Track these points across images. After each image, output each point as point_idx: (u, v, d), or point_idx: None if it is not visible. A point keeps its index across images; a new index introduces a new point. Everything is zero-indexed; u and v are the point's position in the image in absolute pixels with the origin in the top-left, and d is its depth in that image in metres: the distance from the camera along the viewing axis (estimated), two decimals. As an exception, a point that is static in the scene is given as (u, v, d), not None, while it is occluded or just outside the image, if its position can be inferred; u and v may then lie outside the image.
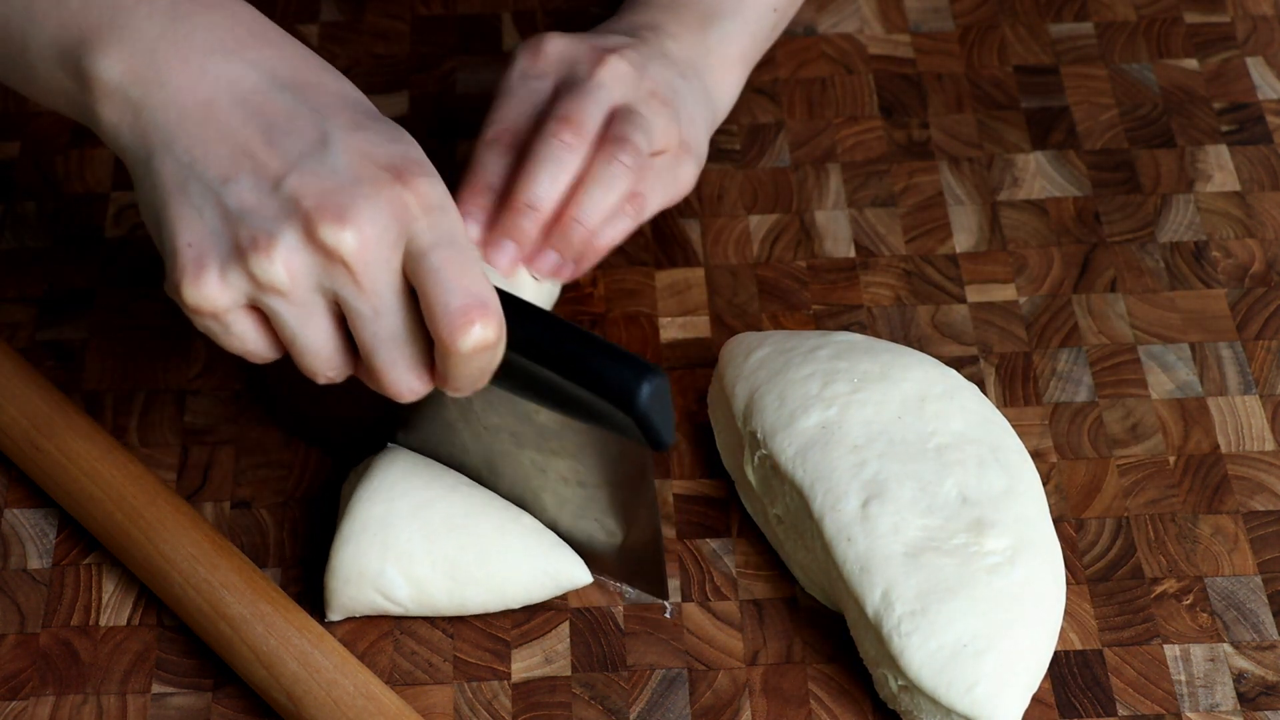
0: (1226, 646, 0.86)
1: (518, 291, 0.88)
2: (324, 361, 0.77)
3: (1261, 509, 0.90)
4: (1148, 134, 1.05)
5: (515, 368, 0.79)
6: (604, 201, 0.88)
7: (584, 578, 0.87)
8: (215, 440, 0.93)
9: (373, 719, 0.80)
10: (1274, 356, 0.96)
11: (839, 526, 0.84)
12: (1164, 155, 1.04)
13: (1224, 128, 1.06)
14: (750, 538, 0.90)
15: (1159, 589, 0.88)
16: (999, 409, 0.92)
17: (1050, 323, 0.97)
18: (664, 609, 0.87)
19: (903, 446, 0.86)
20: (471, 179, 0.89)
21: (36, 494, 0.91)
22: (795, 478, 0.85)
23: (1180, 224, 1.01)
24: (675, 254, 1.00)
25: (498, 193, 0.88)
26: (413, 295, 0.75)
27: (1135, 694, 0.84)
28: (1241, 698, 0.84)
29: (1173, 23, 1.11)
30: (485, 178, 0.88)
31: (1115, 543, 0.89)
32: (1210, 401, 0.94)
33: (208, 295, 0.74)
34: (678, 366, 0.96)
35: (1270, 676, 0.85)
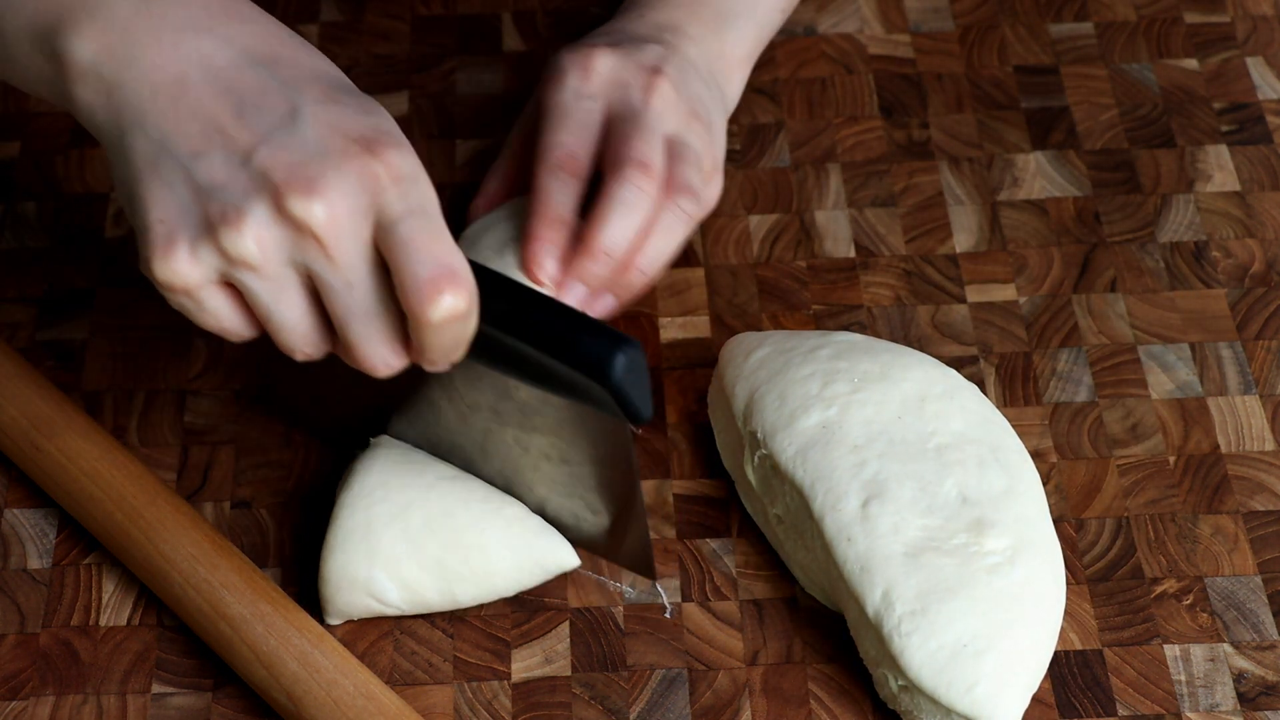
0: (1226, 646, 0.86)
1: None
2: (300, 337, 0.76)
3: (1261, 509, 0.90)
4: (1148, 134, 1.05)
5: (492, 342, 0.78)
6: (666, 250, 0.90)
7: (571, 561, 0.87)
8: (215, 440, 0.93)
9: (373, 719, 0.80)
10: (1274, 356, 0.96)
11: (839, 526, 0.84)
12: (1164, 155, 1.04)
13: (1224, 128, 1.06)
14: (750, 538, 0.90)
15: (1159, 589, 0.88)
16: (999, 409, 0.92)
17: (1050, 323, 0.97)
18: (664, 609, 0.87)
19: (903, 446, 0.86)
20: (542, 209, 0.89)
21: (36, 494, 0.91)
22: (795, 477, 0.85)
23: (1180, 224, 1.01)
24: (675, 254, 1.01)
25: (569, 226, 0.89)
26: (385, 268, 0.74)
27: (1135, 694, 0.84)
28: (1241, 698, 0.84)
29: (1173, 23, 1.11)
30: (556, 209, 0.89)
31: (1115, 543, 0.89)
32: (1210, 401, 0.94)
33: (178, 271, 0.74)
34: (678, 366, 0.96)
35: (1270, 676, 0.85)
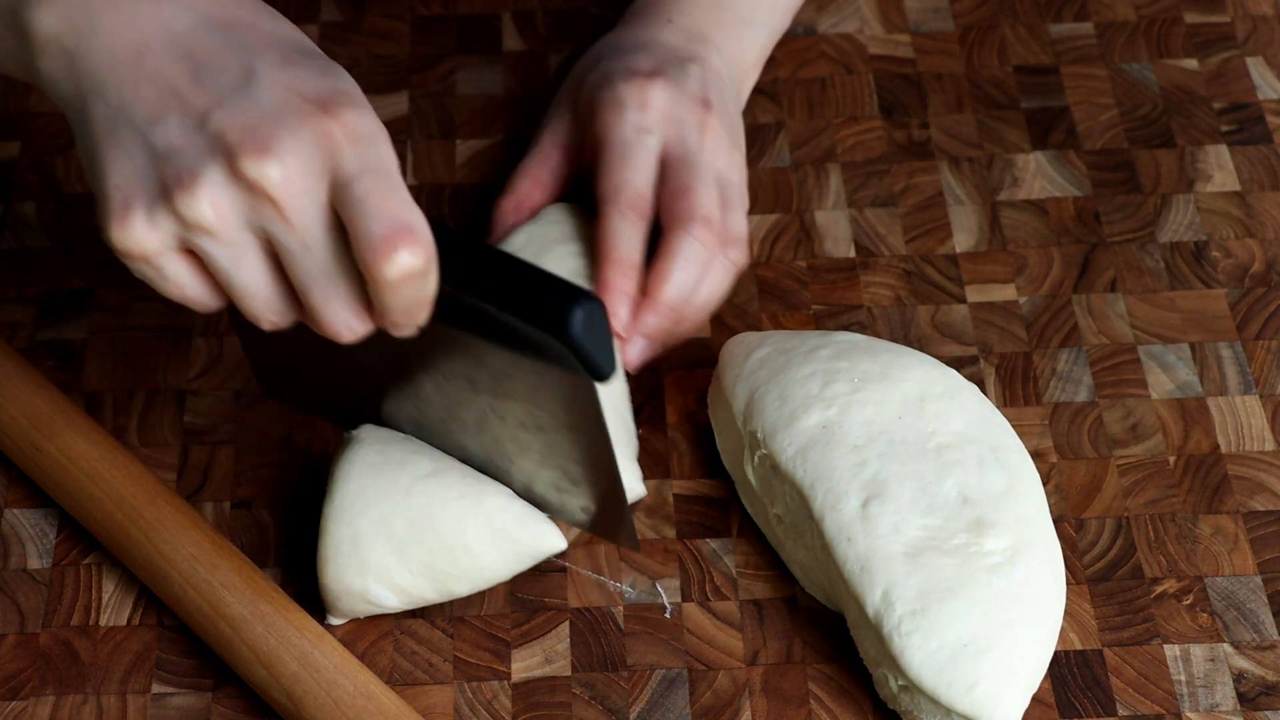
0: (1226, 646, 0.86)
1: None
2: (263, 304, 0.75)
3: (1261, 509, 0.90)
4: (1148, 134, 1.05)
5: (455, 304, 0.77)
6: (715, 299, 0.92)
7: (557, 544, 0.86)
8: (215, 440, 0.93)
9: (373, 719, 0.80)
10: (1274, 356, 0.96)
11: (839, 526, 0.84)
12: (1164, 155, 1.04)
13: (1224, 128, 1.06)
14: (750, 538, 0.90)
15: (1159, 589, 0.88)
16: (999, 409, 0.92)
17: (1050, 323, 0.97)
18: (664, 609, 0.87)
19: (903, 446, 0.86)
20: (615, 254, 0.90)
21: (36, 494, 0.91)
22: (795, 477, 0.85)
23: (1180, 224, 1.01)
24: (675, 254, 1.00)
25: (640, 270, 0.90)
26: (344, 229, 0.74)
27: (1135, 694, 0.84)
28: (1241, 698, 0.84)
29: (1173, 23, 1.11)
30: (628, 254, 0.90)
31: (1115, 543, 0.89)
32: (1210, 401, 0.94)
33: (136, 237, 0.73)
34: (677, 366, 0.96)
35: (1270, 676, 0.85)
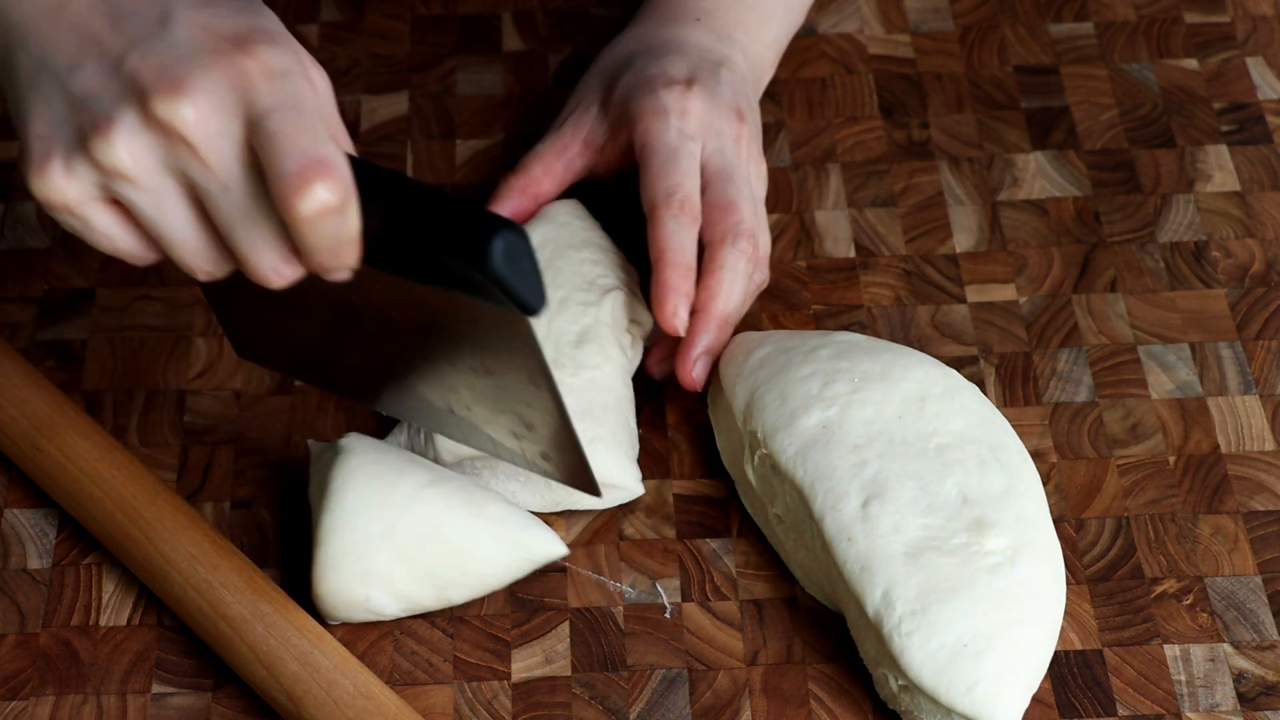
0: (1226, 646, 0.86)
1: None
2: (192, 253, 0.74)
3: (1261, 509, 0.90)
4: (1148, 134, 1.05)
5: (392, 247, 0.75)
6: (744, 311, 0.94)
7: (558, 550, 0.86)
8: (215, 440, 0.93)
9: (372, 719, 0.80)
10: (1274, 356, 0.96)
11: (839, 526, 0.83)
12: (1164, 155, 1.04)
13: (1224, 128, 1.06)
14: (750, 538, 0.90)
15: (1159, 589, 0.88)
16: (999, 409, 0.92)
17: (1050, 323, 0.97)
18: (664, 609, 0.87)
19: (903, 446, 0.86)
20: (673, 257, 0.90)
21: (36, 494, 0.91)
22: (795, 477, 0.85)
23: (1180, 224, 1.01)
24: (675, 254, 1.00)
25: (694, 271, 0.91)
26: (263, 170, 0.72)
27: (1135, 694, 0.84)
28: (1241, 698, 0.84)
29: (1173, 23, 1.11)
30: (684, 256, 0.91)
31: (1115, 543, 0.89)
32: (1210, 401, 0.94)
33: (55, 186, 0.72)
34: (678, 366, 0.96)
35: (1270, 676, 0.85)
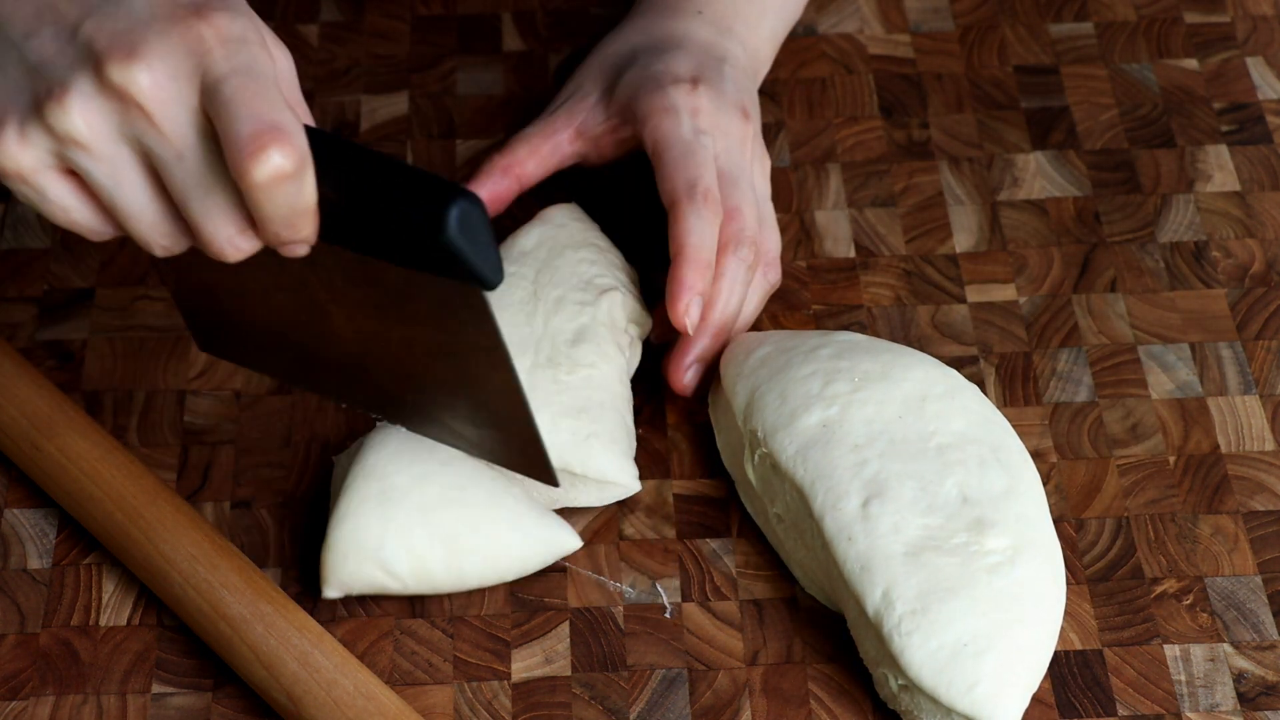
0: (1226, 646, 0.86)
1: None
2: (149, 226, 0.74)
3: (1261, 509, 0.90)
4: (1148, 134, 1.05)
5: (349, 224, 0.74)
6: (751, 316, 0.94)
7: (573, 543, 0.87)
8: (215, 440, 0.93)
9: (372, 719, 0.80)
10: (1274, 356, 0.96)
11: (839, 525, 0.83)
12: (1164, 155, 1.04)
13: (1224, 128, 1.06)
14: (750, 538, 0.90)
15: (1159, 589, 0.88)
16: (999, 409, 0.92)
17: (1050, 323, 0.97)
18: (664, 609, 0.87)
19: (903, 446, 0.86)
20: (693, 253, 0.90)
21: (36, 494, 0.91)
22: (796, 477, 0.85)
23: (1180, 224, 1.01)
24: (675, 254, 1.00)
25: (712, 270, 0.91)
26: (219, 138, 0.72)
27: (1135, 694, 0.84)
28: (1241, 698, 0.84)
29: (1173, 23, 1.11)
30: (704, 252, 0.90)
31: (1115, 543, 0.89)
32: (1210, 401, 0.94)
33: (9, 154, 0.72)
34: (678, 366, 0.96)
35: (1270, 676, 0.85)
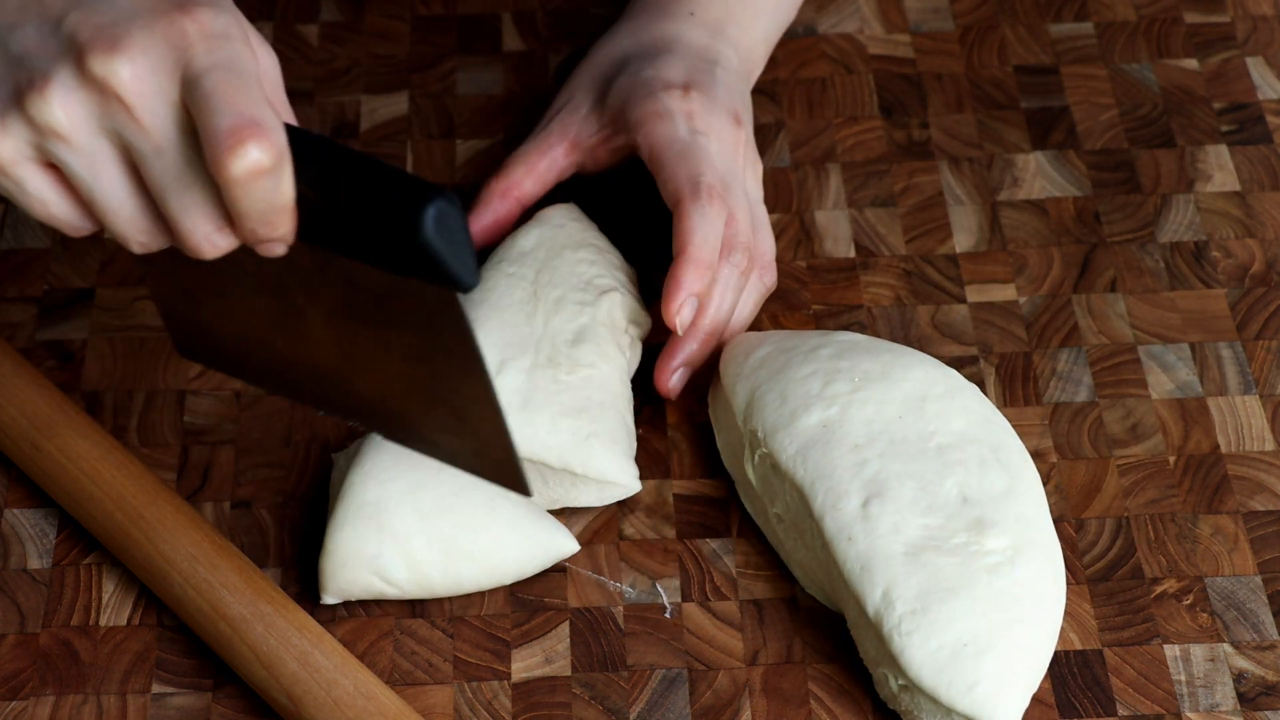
0: (1226, 646, 0.86)
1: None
2: (126, 221, 0.74)
3: (1261, 509, 0.90)
4: (1148, 134, 1.05)
5: (326, 223, 0.74)
6: (746, 319, 0.94)
7: (571, 547, 0.87)
8: (215, 440, 0.93)
9: (372, 719, 0.80)
10: (1274, 356, 0.96)
11: (839, 525, 0.83)
12: (1164, 155, 1.04)
13: (1224, 128, 1.06)
14: (750, 538, 0.90)
15: (1159, 589, 0.88)
16: (999, 409, 0.92)
17: (1050, 323, 0.97)
18: (664, 609, 0.87)
19: (903, 446, 0.86)
20: (692, 249, 0.90)
21: (36, 494, 0.91)
22: (796, 476, 0.85)
23: (1180, 224, 1.01)
24: (675, 254, 1.00)
25: (712, 271, 0.90)
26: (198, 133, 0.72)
27: (1135, 694, 0.84)
28: (1241, 698, 0.84)
29: (1173, 23, 1.11)
30: (706, 253, 0.90)
31: (1115, 543, 0.89)
32: (1210, 401, 0.94)
33: None
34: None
35: (1270, 676, 0.85)
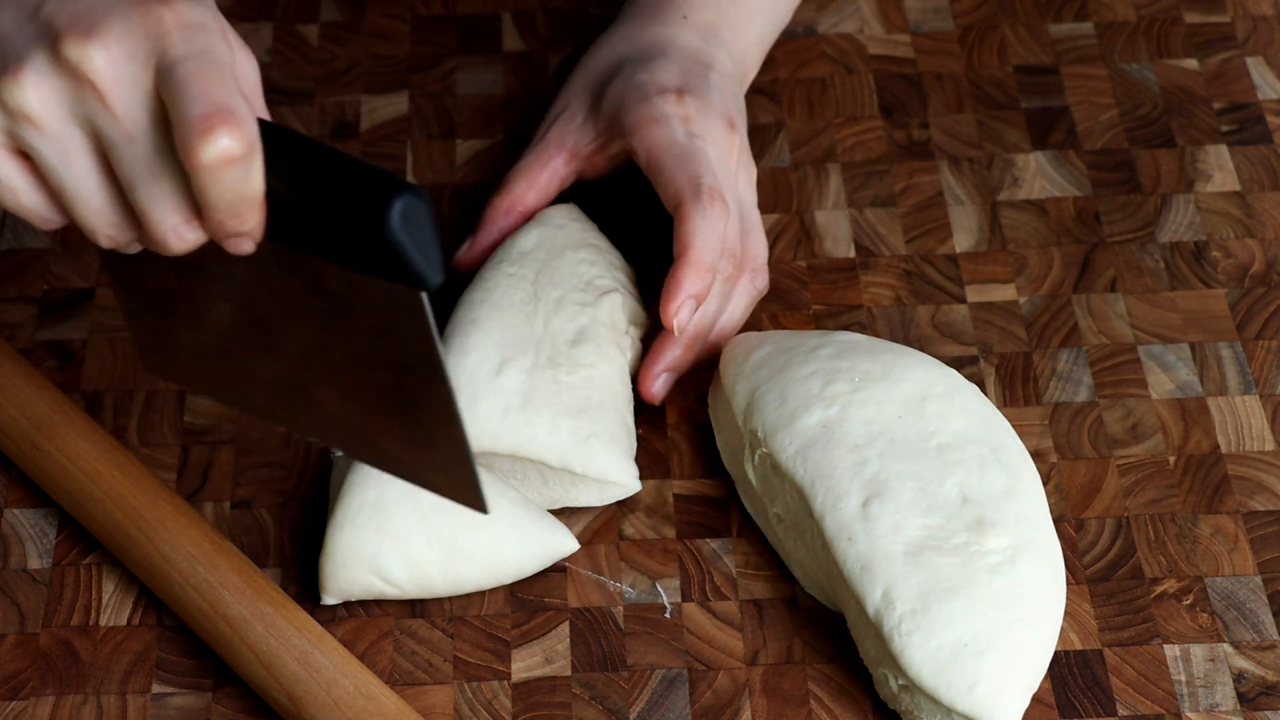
0: (1226, 646, 0.86)
1: None
2: (95, 213, 0.73)
3: (1261, 509, 0.90)
4: (1148, 134, 1.05)
5: (291, 217, 0.73)
6: (736, 324, 0.95)
7: (571, 546, 0.87)
8: (215, 440, 0.93)
9: (372, 719, 0.80)
10: (1274, 356, 0.96)
11: (839, 525, 0.83)
12: (1164, 155, 1.04)
13: (1224, 128, 1.06)
14: (750, 538, 0.90)
15: (1159, 589, 0.88)
16: (999, 409, 0.92)
17: (1050, 323, 0.97)
18: (664, 609, 0.87)
19: (903, 446, 0.86)
20: (693, 252, 0.90)
21: (36, 494, 0.91)
22: (796, 476, 0.85)
23: (1180, 224, 1.01)
24: (675, 254, 1.00)
25: (713, 273, 0.90)
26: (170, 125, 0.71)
27: (1135, 694, 0.84)
28: (1241, 698, 0.84)
29: (1173, 23, 1.11)
30: (707, 255, 0.90)
31: (1115, 543, 0.89)
32: (1210, 401, 0.94)
33: None
34: (678, 366, 0.96)
35: (1270, 676, 0.85)
